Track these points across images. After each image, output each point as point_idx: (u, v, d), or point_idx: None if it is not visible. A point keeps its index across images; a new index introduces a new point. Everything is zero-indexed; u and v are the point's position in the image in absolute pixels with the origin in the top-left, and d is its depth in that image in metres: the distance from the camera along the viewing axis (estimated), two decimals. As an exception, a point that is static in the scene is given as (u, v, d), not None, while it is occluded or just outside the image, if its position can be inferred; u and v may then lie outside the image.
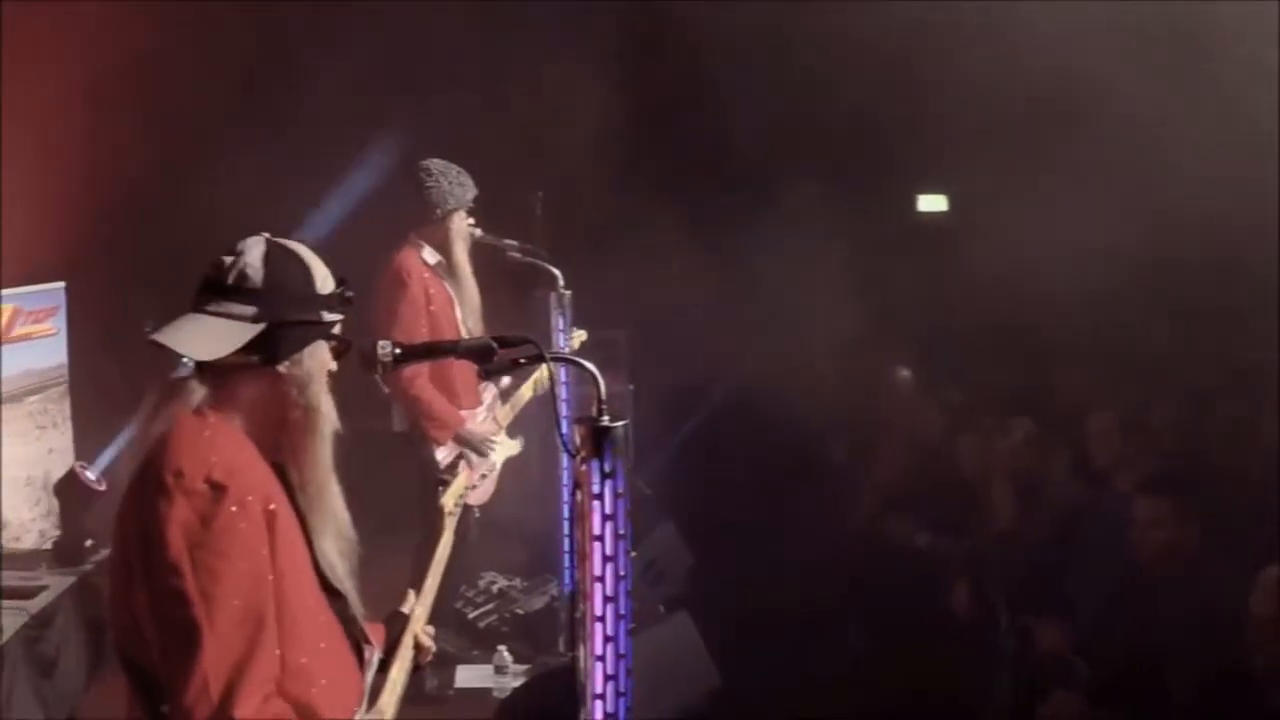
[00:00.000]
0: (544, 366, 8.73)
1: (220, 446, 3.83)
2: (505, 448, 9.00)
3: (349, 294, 4.07)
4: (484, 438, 8.76)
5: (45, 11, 11.46)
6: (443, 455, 8.52)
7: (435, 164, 8.58)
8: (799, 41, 11.60)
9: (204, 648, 3.59)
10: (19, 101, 11.36)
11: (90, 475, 10.46)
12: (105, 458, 10.77)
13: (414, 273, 8.46)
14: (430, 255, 8.56)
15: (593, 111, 11.75)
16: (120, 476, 4.09)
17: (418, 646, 4.59)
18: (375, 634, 4.47)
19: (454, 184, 8.54)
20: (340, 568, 4.16)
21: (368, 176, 8.64)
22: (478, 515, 8.83)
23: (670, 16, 12.19)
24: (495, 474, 8.92)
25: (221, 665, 3.60)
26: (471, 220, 8.72)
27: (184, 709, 3.60)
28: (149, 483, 3.77)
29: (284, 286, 3.91)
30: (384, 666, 4.42)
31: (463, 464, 5.12)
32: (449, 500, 5.02)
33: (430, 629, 4.68)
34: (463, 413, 8.76)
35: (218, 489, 3.70)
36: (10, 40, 11.37)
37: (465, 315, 8.78)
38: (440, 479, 5.06)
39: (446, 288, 8.70)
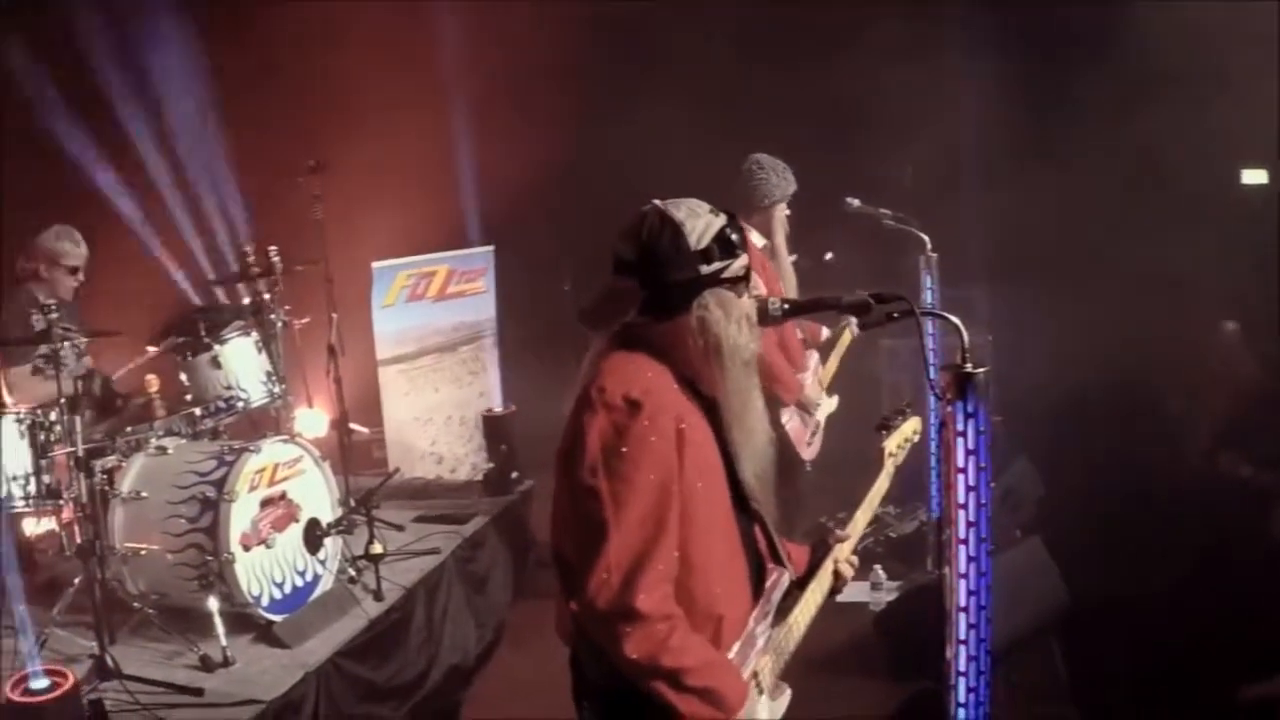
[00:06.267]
0: (849, 331, 8.82)
1: (640, 371, 3.97)
2: (826, 406, 8.91)
3: (733, 235, 4.08)
4: (811, 400, 8.68)
5: (472, 9, 11.80)
6: (786, 417, 8.45)
7: (764, 159, 8.48)
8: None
9: (609, 542, 3.76)
10: (452, 90, 11.72)
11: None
12: (525, 401, 11.08)
13: (753, 247, 8.38)
14: (757, 239, 8.48)
15: (957, 92, 11.63)
16: (550, 416, 4.20)
17: (837, 573, 4.56)
18: (799, 556, 4.54)
19: (780, 178, 8.43)
20: (757, 488, 4.23)
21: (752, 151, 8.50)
22: (809, 470, 8.74)
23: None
24: (820, 431, 8.83)
25: (623, 559, 3.75)
26: (788, 212, 8.58)
27: (589, 595, 3.76)
28: (581, 400, 3.93)
29: (656, 253, 3.96)
30: (800, 585, 4.39)
31: (908, 412, 4.99)
32: (891, 444, 5.01)
33: (854, 559, 4.64)
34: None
35: (634, 405, 3.83)
36: (441, 36, 11.75)
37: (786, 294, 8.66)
38: (884, 424, 4.99)
39: (771, 269, 8.61)
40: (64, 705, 6.10)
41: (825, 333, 9.06)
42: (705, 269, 3.98)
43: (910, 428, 5.05)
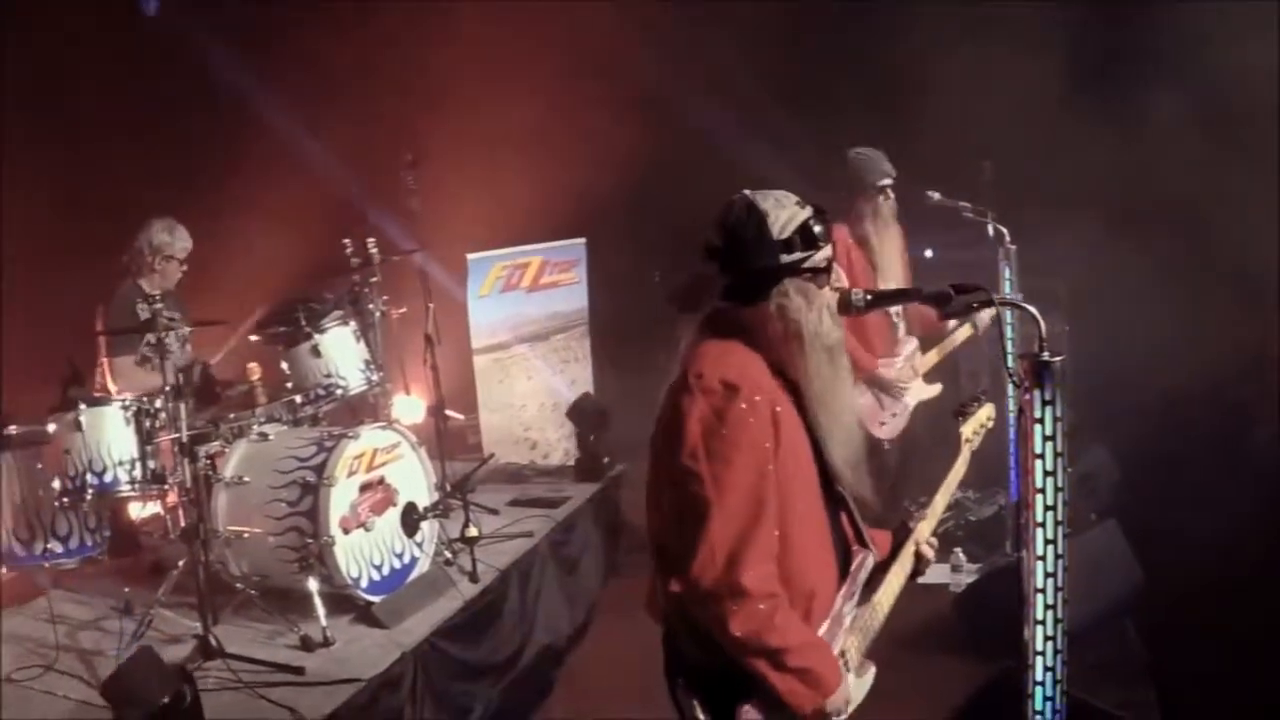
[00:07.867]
0: (984, 316, 8.68)
1: (734, 357, 4.02)
2: (920, 391, 8.83)
3: (816, 228, 4.09)
4: (894, 381, 8.64)
5: (563, 7, 11.81)
6: (858, 393, 8.37)
7: (862, 150, 8.46)
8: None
9: (712, 521, 3.78)
10: (545, 84, 11.74)
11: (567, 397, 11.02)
12: (617, 389, 11.14)
13: (840, 243, 8.26)
14: (857, 230, 8.41)
15: (1031, 86, 11.51)
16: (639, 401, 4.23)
17: (918, 556, 4.57)
18: (882, 540, 4.56)
19: (867, 168, 8.38)
20: (847, 474, 4.26)
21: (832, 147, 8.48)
22: (887, 447, 8.69)
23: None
24: (907, 414, 8.77)
25: (727, 538, 3.78)
26: (885, 198, 8.51)
27: (693, 574, 3.78)
28: (677, 386, 3.96)
29: (740, 240, 4.03)
30: (883, 568, 4.41)
31: (982, 399, 4.97)
32: (968, 429, 4.99)
33: (934, 541, 4.64)
34: (879, 360, 8.60)
35: (731, 388, 3.86)
36: (535, 32, 11.78)
37: (886, 284, 8.55)
38: (961, 410, 4.97)
39: (868, 260, 8.53)
40: (144, 662, 6.15)
41: (951, 325, 8.96)
42: (786, 258, 4.02)
43: (985, 414, 5.03)
